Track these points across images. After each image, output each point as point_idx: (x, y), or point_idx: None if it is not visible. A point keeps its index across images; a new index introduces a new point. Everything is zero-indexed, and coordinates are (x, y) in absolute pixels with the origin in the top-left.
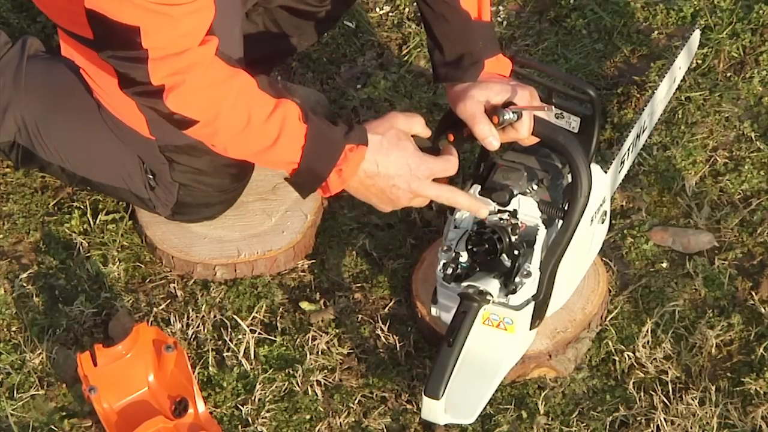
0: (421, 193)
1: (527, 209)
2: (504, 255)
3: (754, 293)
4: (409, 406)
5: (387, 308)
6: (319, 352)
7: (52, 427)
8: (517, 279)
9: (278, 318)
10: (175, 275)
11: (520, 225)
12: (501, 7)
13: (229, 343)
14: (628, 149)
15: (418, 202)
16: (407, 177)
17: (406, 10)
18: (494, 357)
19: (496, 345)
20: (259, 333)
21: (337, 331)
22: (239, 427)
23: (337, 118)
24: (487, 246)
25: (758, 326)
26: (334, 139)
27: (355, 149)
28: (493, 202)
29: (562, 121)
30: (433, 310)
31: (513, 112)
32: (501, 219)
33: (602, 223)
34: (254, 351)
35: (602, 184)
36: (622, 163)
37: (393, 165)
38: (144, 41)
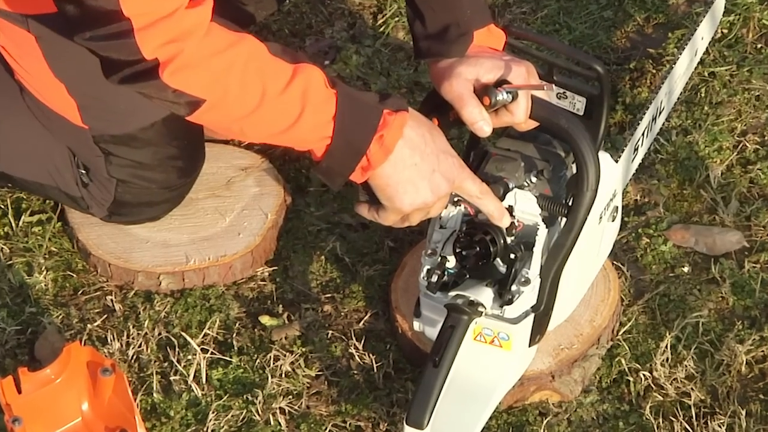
0: (463, 183)
1: (525, 206)
2: (498, 259)
3: None
4: None
5: (362, 322)
6: (283, 375)
7: None
8: (513, 287)
9: (234, 335)
10: (113, 286)
11: (516, 224)
12: None
13: (177, 365)
14: (643, 134)
15: (443, 203)
16: (459, 160)
17: None
18: (487, 379)
19: (490, 364)
20: (212, 353)
21: (304, 349)
22: None
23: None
24: (478, 249)
25: None
26: (368, 103)
27: (395, 114)
28: None
29: (564, 102)
30: (416, 325)
31: (507, 92)
32: None
33: (613, 220)
34: (206, 374)
35: (612, 176)
36: (636, 150)
37: (441, 141)
38: (124, 8)
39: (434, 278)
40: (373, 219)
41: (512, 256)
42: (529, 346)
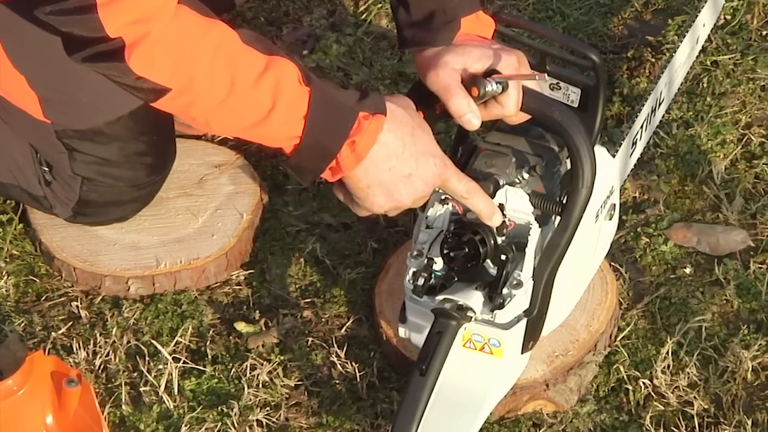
0: (447, 183)
1: (516, 204)
2: (488, 261)
3: None
4: None
5: (344, 329)
6: (260, 385)
7: None
8: (504, 290)
9: (208, 343)
10: (78, 291)
11: (508, 223)
12: None
13: (147, 375)
14: (642, 127)
15: (421, 202)
16: (441, 159)
17: None
18: (478, 388)
19: (480, 373)
20: (185, 362)
21: (282, 358)
22: None
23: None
24: (467, 250)
25: None
26: (344, 104)
27: (371, 118)
28: None
29: (558, 93)
30: (401, 331)
31: (497, 83)
32: None
33: (610, 219)
34: (178, 384)
35: (609, 171)
36: (634, 144)
37: (423, 143)
38: None
39: (420, 281)
40: (348, 206)
41: (503, 257)
42: (522, 353)
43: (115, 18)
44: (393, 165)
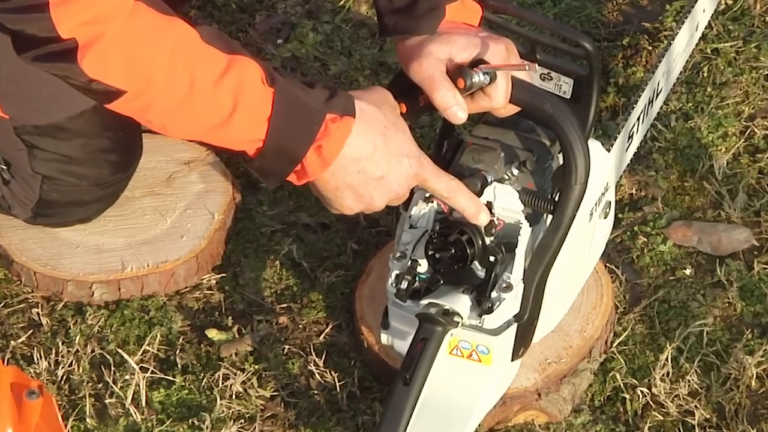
0: (425, 183)
1: (506, 202)
2: (476, 263)
3: None
4: None
5: (322, 336)
6: (233, 396)
7: None
8: (493, 294)
9: (178, 351)
10: (39, 297)
11: (496, 222)
12: None
13: (113, 386)
14: (638, 119)
15: (398, 202)
16: (417, 159)
17: None
18: (465, 398)
19: (468, 382)
20: (153, 372)
21: (257, 367)
22: None
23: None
24: (453, 251)
25: None
26: (310, 105)
27: (339, 120)
28: None
29: (549, 84)
30: (383, 338)
31: (484, 73)
32: None
33: (605, 217)
34: (146, 396)
35: (604, 167)
36: (631, 138)
37: (396, 143)
38: None
39: (404, 285)
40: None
41: (492, 258)
42: (512, 360)
43: (69, 18)
44: (362, 167)
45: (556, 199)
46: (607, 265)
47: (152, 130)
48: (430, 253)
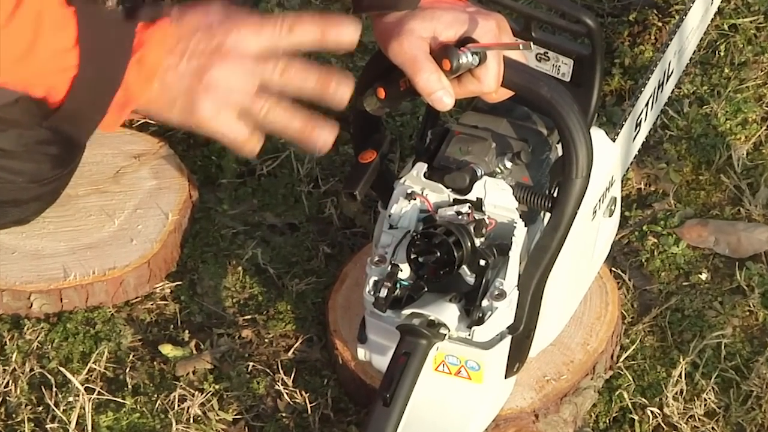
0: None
1: (498, 198)
2: (465, 267)
3: None
4: None
5: (291, 351)
6: (191, 420)
7: None
8: (484, 302)
9: (128, 370)
10: None
11: (487, 222)
12: None
13: (55, 409)
14: (647, 105)
15: (254, 82)
16: (252, 28)
17: None
18: (453, 420)
19: (456, 401)
20: (100, 393)
21: (218, 387)
22: None
23: None
24: (438, 254)
25: None
26: (115, 18)
27: (151, 26)
28: (447, 188)
29: (546, 65)
30: (360, 353)
31: (473, 53)
32: (459, 213)
33: (610, 216)
34: (92, 420)
35: (609, 159)
36: (639, 125)
37: (224, 25)
38: None
39: (383, 293)
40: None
41: (482, 262)
42: (506, 377)
43: None
44: (193, 65)
45: (555, 195)
46: (613, 269)
47: None
48: (412, 256)
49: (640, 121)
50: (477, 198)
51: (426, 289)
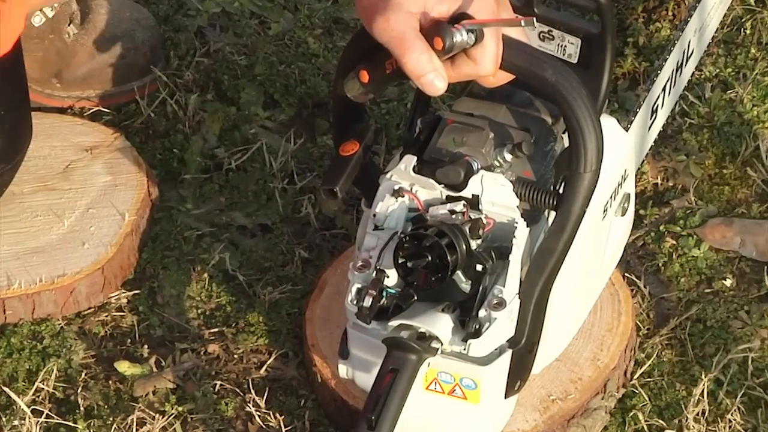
0: None
1: (496, 195)
2: (459, 273)
3: None
4: None
5: (264, 368)
6: None
7: None
8: (481, 313)
9: (80, 390)
10: None
11: (484, 221)
12: None
13: None
14: (664, 90)
15: None
16: None
17: None
18: None
19: (450, 424)
20: (49, 416)
21: (181, 409)
22: None
23: None
24: (430, 258)
25: None
26: None
27: None
28: (439, 183)
29: (551, 45)
30: (342, 370)
31: (468, 31)
32: (453, 212)
33: (623, 215)
34: None
35: (622, 150)
36: (655, 113)
37: None
38: None
39: (367, 302)
40: None
41: (479, 267)
42: (506, 397)
43: None
44: None
45: (561, 191)
46: (627, 275)
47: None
48: (400, 261)
49: (657, 107)
50: (473, 195)
51: (416, 297)
